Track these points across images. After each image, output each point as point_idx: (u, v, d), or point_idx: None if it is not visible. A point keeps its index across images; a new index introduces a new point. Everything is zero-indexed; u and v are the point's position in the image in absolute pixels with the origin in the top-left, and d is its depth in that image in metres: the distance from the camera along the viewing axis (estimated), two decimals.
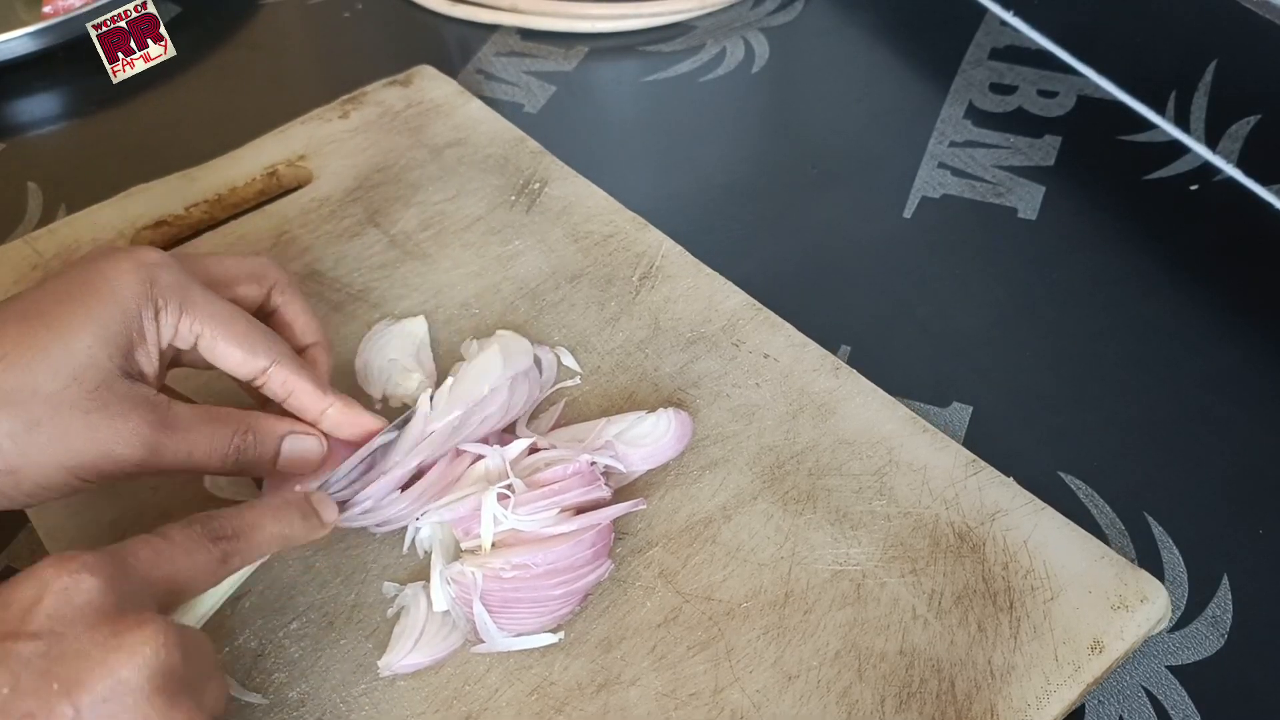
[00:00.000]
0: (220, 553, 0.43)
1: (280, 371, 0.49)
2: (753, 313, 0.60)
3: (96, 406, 0.44)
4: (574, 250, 0.64)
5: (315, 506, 0.47)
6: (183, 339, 0.47)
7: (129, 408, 0.44)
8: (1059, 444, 0.57)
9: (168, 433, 0.45)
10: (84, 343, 0.44)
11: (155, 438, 0.45)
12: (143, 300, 0.46)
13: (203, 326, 0.47)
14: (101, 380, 0.44)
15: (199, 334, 0.47)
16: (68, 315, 0.44)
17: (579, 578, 0.48)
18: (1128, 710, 0.48)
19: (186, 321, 0.47)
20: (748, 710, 0.45)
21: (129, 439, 0.44)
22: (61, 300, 0.45)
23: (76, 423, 0.43)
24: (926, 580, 0.49)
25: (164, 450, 0.45)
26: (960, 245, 0.67)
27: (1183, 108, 0.72)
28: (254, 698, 0.46)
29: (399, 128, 0.72)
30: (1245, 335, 0.62)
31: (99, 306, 0.45)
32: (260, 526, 0.45)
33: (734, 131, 0.78)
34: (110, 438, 0.44)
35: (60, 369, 0.43)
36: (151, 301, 0.46)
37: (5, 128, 0.80)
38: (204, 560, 0.42)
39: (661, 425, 0.54)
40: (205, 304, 0.48)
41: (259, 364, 0.49)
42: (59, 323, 0.44)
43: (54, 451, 0.43)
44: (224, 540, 0.43)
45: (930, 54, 0.82)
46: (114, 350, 0.45)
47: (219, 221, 0.68)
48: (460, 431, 0.53)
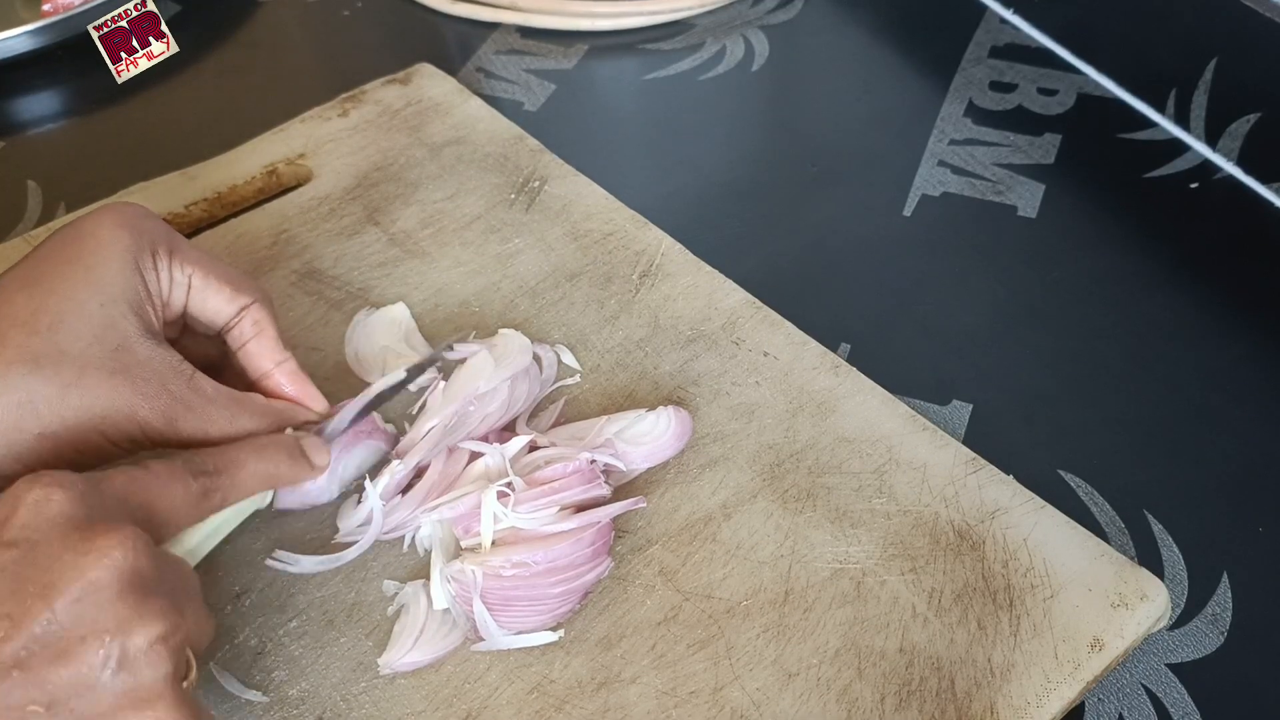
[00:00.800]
0: (200, 487, 0.43)
1: (257, 310, 0.50)
2: (752, 311, 0.60)
3: (120, 368, 0.44)
4: (573, 248, 0.64)
5: (305, 448, 0.47)
6: (178, 284, 0.48)
7: (151, 371, 0.45)
8: (1059, 442, 0.57)
9: (187, 407, 0.45)
10: (96, 302, 0.44)
11: (175, 409, 0.45)
12: (136, 249, 0.46)
13: (193, 266, 0.48)
14: (121, 340, 0.44)
15: (190, 274, 0.48)
16: (71, 278, 0.45)
17: (578, 576, 0.48)
18: (1127, 708, 0.48)
19: (178, 264, 0.47)
20: (748, 708, 0.45)
21: (151, 403, 0.44)
22: (60, 264, 0.45)
23: (103, 384, 0.43)
24: (926, 578, 0.49)
25: (182, 424, 0.45)
26: (960, 243, 0.67)
27: (1183, 106, 0.72)
28: (254, 695, 0.46)
29: (398, 126, 0.72)
30: (1245, 333, 0.62)
31: (98, 264, 0.45)
32: (243, 463, 0.45)
33: (734, 129, 0.78)
34: (135, 400, 0.44)
35: (80, 332, 0.44)
36: (144, 249, 0.46)
37: (5, 126, 0.80)
38: (182, 492, 0.42)
39: (661, 423, 0.54)
40: (190, 248, 0.48)
41: (242, 300, 0.49)
42: (65, 286, 0.44)
43: (86, 415, 0.43)
44: (205, 475, 0.43)
45: (930, 52, 0.82)
46: (126, 308, 0.45)
47: (218, 220, 0.67)
48: (459, 429, 0.53)
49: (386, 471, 0.51)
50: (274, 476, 0.46)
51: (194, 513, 0.43)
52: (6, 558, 0.37)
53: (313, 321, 0.61)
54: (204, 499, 0.43)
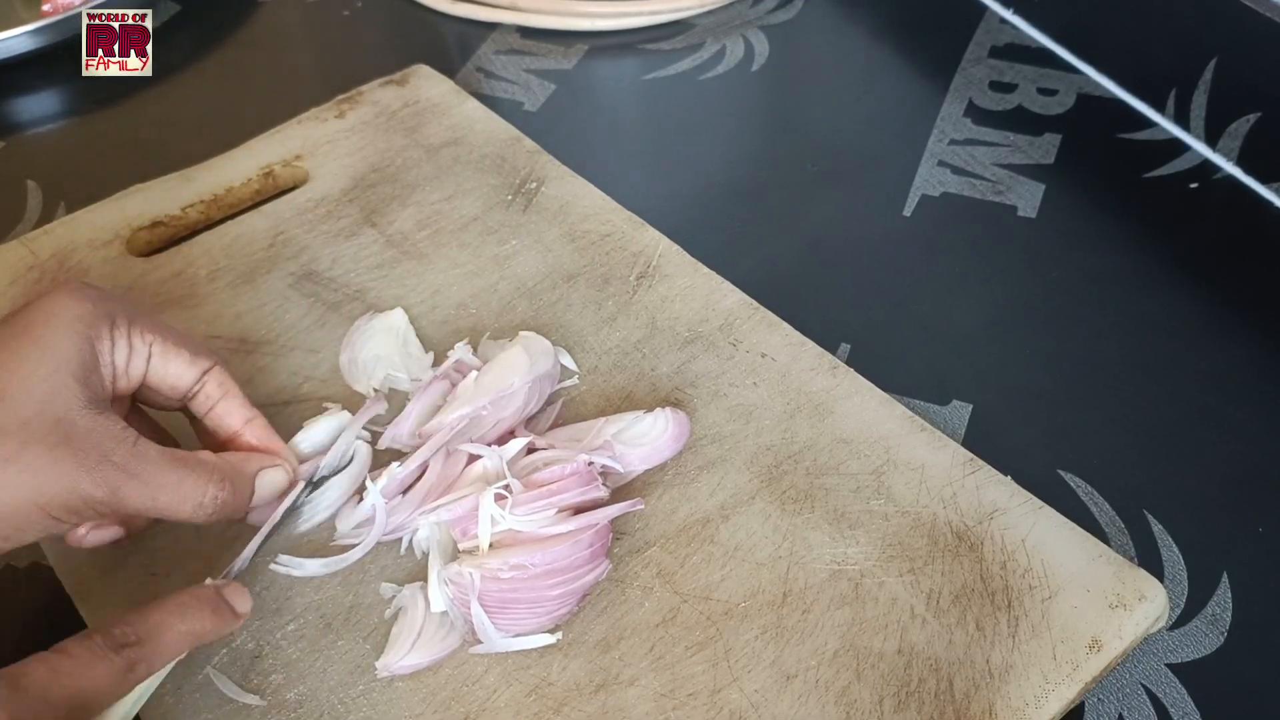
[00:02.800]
0: (125, 661, 0.41)
1: (219, 373, 0.49)
2: (750, 312, 0.60)
3: (60, 440, 0.42)
4: (571, 250, 0.64)
5: (227, 598, 0.46)
6: (137, 353, 0.47)
7: (93, 441, 0.43)
8: (1059, 442, 0.57)
9: (129, 475, 0.43)
10: (41, 374, 0.43)
11: (116, 478, 0.43)
12: (89, 321, 0.45)
13: (153, 334, 0.47)
14: (64, 411, 0.43)
15: (150, 342, 0.47)
16: (19, 350, 0.43)
17: (577, 578, 0.48)
18: (1127, 708, 0.48)
19: (136, 333, 0.47)
20: (746, 710, 0.45)
21: (93, 474, 0.42)
22: (8, 340, 0.44)
23: (43, 458, 0.42)
24: (925, 579, 0.49)
25: (126, 493, 0.43)
26: (960, 243, 0.67)
27: (1182, 106, 0.72)
28: (251, 699, 0.46)
29: (395, 127, 0.72)
30: (1245, 333, 0.62)
31: (48, 336, 0.44)
32: (167, 628, 0.43)
33: (733, 130, 0.77)
34: (76, 473, 0.42)
35: (23, 405, 0.42)
36: (99, 320, 0.45)
37: (4, 126, 0.80)
38: (107, 671, 0.40)
39: (659, 425, 0.54)
40: (147, 316, 0.48)
41: (202, 365, 0.49)
42: (11, 359, 0.43)
43: (24, 490, 0.41)
44: (128, 648, 0.41)
45: (930, 52, 0.82)
46: (70, 378, 0.44)
47: (215, 221, 0.67)
48: (472, 430, 0.53)
49: (385, 473, 0.51)
50: (199, 633, 0.44)
51: (119, 689, 0.41)
52: None
53: (310, 323, 0.61)
54: (129, 672, 0.41)
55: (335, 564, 0.50)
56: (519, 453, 0.52)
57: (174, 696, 0.46)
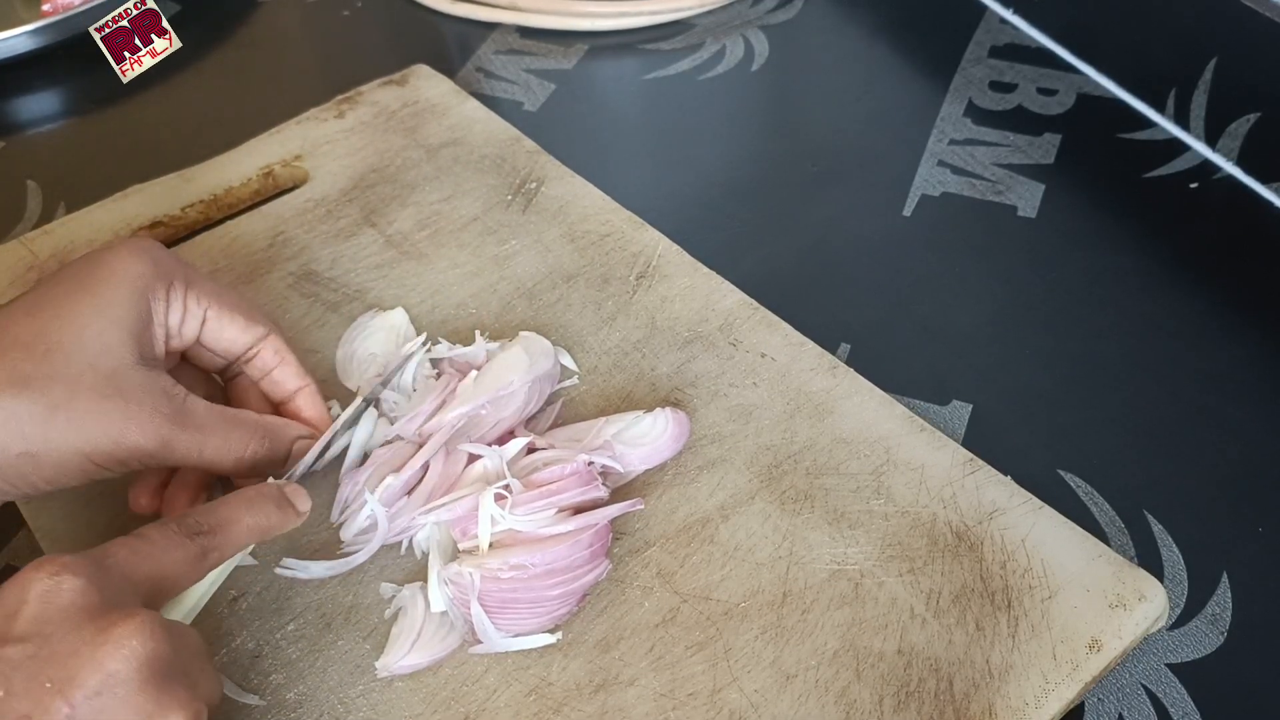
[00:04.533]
0: (198, 548, 0.43)
1: (275, 340, 0.52)
2: (750, 312, 0.60)
3: (112, 392, 0.44)
4: (570, 250, 0.64)
5: (289, 497, 0.47)
6: (191, 315, 0.49)
7: (143, 395, 0.45)
8: (1059, 442, 0.57)
9: (180, 428, 0.46)
10: (95, 329, 0.45)
11: (168, 431, 0.45)
12: (148, 281, 0.47)
13: (209, 300, 0.49)
14: (116, 365, 0.45)
15: (206, 308, 0.49)
16: (76, 304, 0.45)
17: (576, 578, 0.48)
18: (1127, 708, 0.48)
19: (193, 297, 0.49)
20: (746, 710, 0.45)
21: (143, 427, 0.45)
22: (69, 292, 0.46)
23: (92, 408, 0.44)
24: (924, 579, 0.49)
25: (175, 444, 0.46)
26: (960, 243, 0.67)
27: (1182, 106, 0.72)
28: (251, 699, 0.46)
29: (395, 128, 0.72)
30: (1245, 333, 0.61)
31: (106, 292, 0.46)
32: (236, 520, 0.45)
33: (733, 130, 0.77)
34: (124, 425, 0.44)
35: (74, 356, 0.44)
36: (157, 280, 0.47)
37: (5, 126, 0.80)
38: (183, 556, 0.42)
39: (659, 425, 0.54)
40: (205, 281, 0.50)
41: (258, 331, 0.51)
42: (68, 312, 0.45)
43: (71, 436, 0.44)
44: (201, 535, 0.43)
45: (930, 52, 0.82)
46: (125, 334, 0.46)
47: (215, 221, 0.68)
48: (471, 430, 0.53)
49: (390, 476, 0.51)
50: (265, 528, 0.46)
51: (194, 574, 0.43)
52: (20, 653, 0.36)
53: (309, 323, 0.61)
54: (202, 558, 0.43)
55: (339, 567, 0.50)
56: (519, 453, 0.52)
57: None
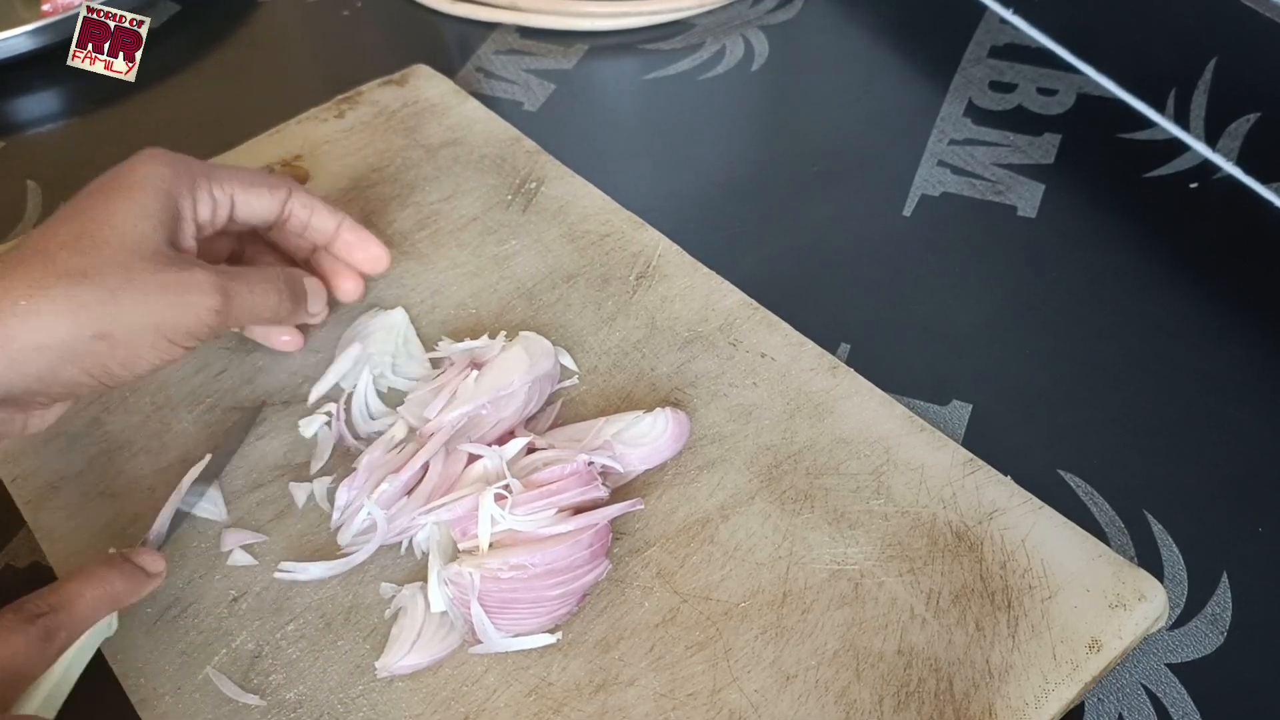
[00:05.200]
0: (41, 630, 0.42)
1: (299, 195, 0.56)
2: (750, 312, 0.60)
3: (163, 266, 0.48)
4: (570, 250, 0.64)
5: (137, 562, 0.47)
6: (220, 204, 0.53)
7: (190, 263, 0.49)
8: (1059, 442, 0.57)
9: (231, 279, 0.50)
10: (131, 224, 0.48)
11: (224, 283, 0.49)
12: (170, 183, 0.50)
13: (231, 185, 0.54)
14: (156, 249, 0.48)
15: (232, 194, 0.54)
16: (112, 207, 0.49)
17: (576, 578, 0.48)
18: (1127, 708, 0.48)
19: (218, 189, 0.53)
20: (746, 710, 0.45)
21: (202, 286, 0.49)
22: (104, 197, 0.49)
23: (150, 281, 0.47)
24: (924, 579, 0.49)
25: (232, 294, 0.50)
26: (960, 243, 0.67)
27: (1182, 106, 0.72)
28: (251, 699, 0.46)
29: (394, 128, 0.72)
30: (1245, 333, 0.61)
31: (139, 194, 0.49)
32: (78, 595, 0.44)
33: (733, 130, 0.77)
34: (185, 288, 0.48)
35: (117, 249, 0.47)
36: (179, 181, 0.51)
37: (5, 126, 0.80)
38: (23, 642, 0.41)
39: (659, 425, 0.54)
40: (223, 169, 0.54)
41: (280, 194, 0.56)
42: (103, 213, 0.48)
43: (141, 311, 0.47)
44: (42, 617, 0.42)
45: (930, 52, 0.82)
46: (160, 227, 0.49)
47: None
48: (471, 430, 0.53)
49: (388, 479, 0.51)
50: (113, 597, 0.45)
51: (41, 660, 0.42)
52: None
53: None
54: (48, 641, 0.42)
55: (338, 567, 0.50)
56: (519, 453, 0.52)
57: (174, 696, 0.46)
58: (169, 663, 0.48)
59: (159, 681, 0.47)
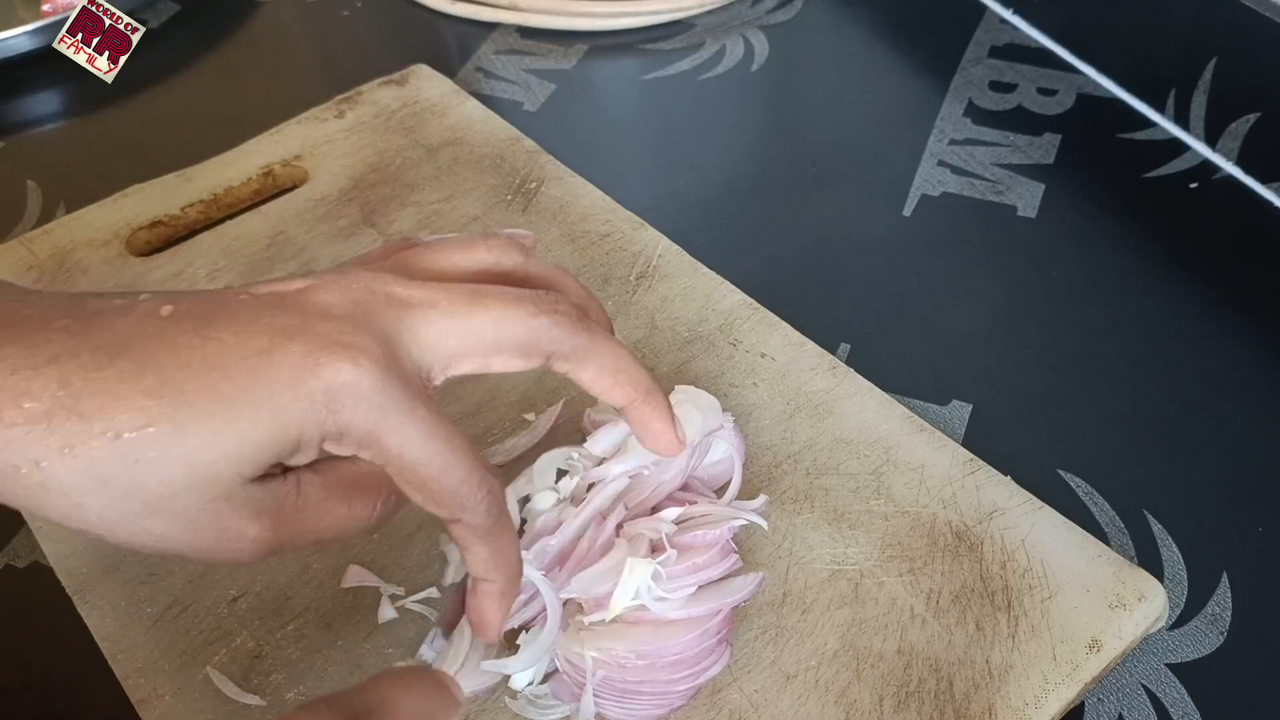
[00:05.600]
0: None
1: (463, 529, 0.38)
2: (750, 312, 0.60)
3: (207, 517, 0.35)
4: (570, 250, 0.64)
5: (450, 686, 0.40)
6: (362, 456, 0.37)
7: (247, 517, 0.36)
8: (1059, 442, 0.57)
9: (289, 527, 0.37)
10: (211, 457, 0.34)
11: (275, 539, 0.36)
12: (308, 427, 0.35)
13: (389, 465, 0.37)
14: (219, 493, 0.35)
15: (385, 464, 0.37)
16: (207, 414, 0.34)
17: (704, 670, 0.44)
18: (1127, 708, 0.48)
19: (367, 454, 0.37)
20: (746, 710, 0.45)
21: (242, 547, 0.36)
22: (212, 386, 0.34)
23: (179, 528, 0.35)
24: (924, 579, 0.49)
25: (285, 544, 0.37)
26: (960, 243, 0.67)
27: (1182, 106, 0.72)
28: (252, 699, 0.46)
29: (394, 127, 0.72)
30: (1245, 333, 0.61)
31: (248, 414, 0.34)
32: (397, 701, 0.37)
33: (733, 130, 0.77)
34: (219, 545, 0.36)
35: (173, 477, 0.34)
36: (321, 430, 0.36)
37: (4, 126, 0.80)
38: None
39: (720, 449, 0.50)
40: (397, 439, 0.36)
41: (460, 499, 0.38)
42: (193, 421, 0.34)
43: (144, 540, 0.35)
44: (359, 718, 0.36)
45: (930, 52, 0.82)
46: (246, 470, 0.35)
47: (215, 221, 0.68)
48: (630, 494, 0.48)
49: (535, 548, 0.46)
50: (425, 713, 0.38)
51: None
52: None
53: None
54: None
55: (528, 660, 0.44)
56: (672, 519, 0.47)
57: (174, 697, 0.46)
58: (169, 663, 0.47)
59: (159, 681, 0.47)
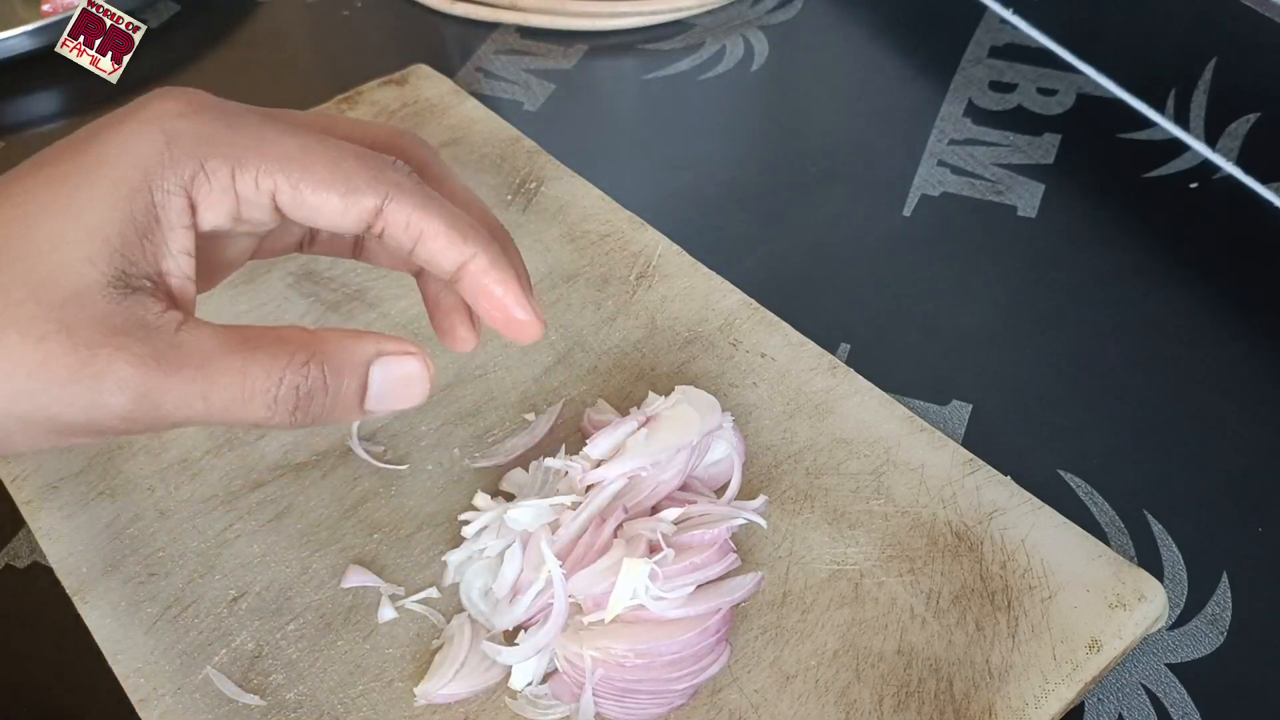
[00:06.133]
0: None
1: (402, 207, 0.35)
2: (750, 312, 0.60)
3: (55, 329, 0.31)
4: (570, 250, 0.64)
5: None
6: (252, 206, 0.34)
7: (105, 335, 0.31)
8: (1059, 442, 0.57)
9: (166, 371, 0.32)
10: (59, 237, 0.32)
11: (146, 380, 0.31)
12: (153, 168, 0.33)
13: (274, 176, 0.34)
14: (71, 294, 0.31)
15: (274, 188, 0.34)
16: (45, 204, 0.32)
17: (703, 669, 0.45)
18: (1127, 708, 0.48)
19: (247, 178, 0.34)
20: (746, 710, 0.45)
21: (100, 378, 0.31)
22: (48, 183, 0.33)
23: (24, 352, 0.31)
24: (924, 580, 0.49)
25: (162, 397, 0.32)
26: (960, 243, 0.67)
27: (1182, 106, 0.72)
28: (251, 699, 0.46)
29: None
30: (1245, 333, 0.61)
31: (88, 190, 0.32)
32: None
33: (733, 130, 0.77)
34: (72, 374, 0.31)
35: (11, 283, 0.31)
36: (171, 167, 0.33)
37: (5, 126, 0.80)
38: None
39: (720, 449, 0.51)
40: (270, 145, 0.34)
41: (366, 203, 0.35)
42: (31, 215, 0.32)
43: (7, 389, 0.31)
44: None
45: (930, 52, 0.82)
46: (101, 245, 0.32)
47: None
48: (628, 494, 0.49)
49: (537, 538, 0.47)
50: None
51: None
52: None
53: (309, 323, 0.61)
54: None
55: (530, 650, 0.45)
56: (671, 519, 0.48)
57: (174, 696, 0.46)
58: (169, 663, 0.47)
59: (159, 681, 0.47)
